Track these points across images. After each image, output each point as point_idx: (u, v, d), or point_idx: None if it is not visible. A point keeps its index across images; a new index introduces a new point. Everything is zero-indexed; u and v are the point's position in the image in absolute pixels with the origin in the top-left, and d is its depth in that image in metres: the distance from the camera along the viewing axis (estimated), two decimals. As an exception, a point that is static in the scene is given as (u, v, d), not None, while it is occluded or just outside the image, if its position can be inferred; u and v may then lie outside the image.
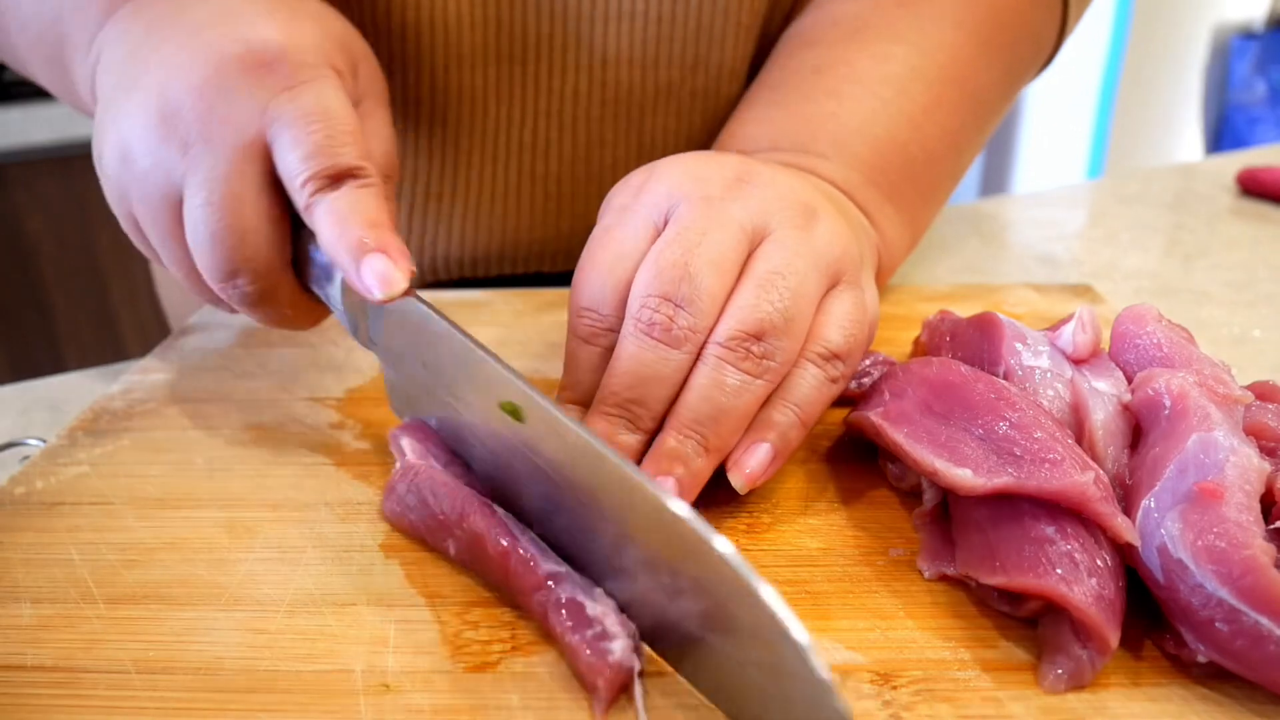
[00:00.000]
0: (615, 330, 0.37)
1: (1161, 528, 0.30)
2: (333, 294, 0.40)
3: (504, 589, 0.33)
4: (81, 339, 1.68)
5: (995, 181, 2.51)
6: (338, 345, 0.53)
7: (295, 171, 0.38)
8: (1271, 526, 0.30)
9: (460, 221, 0.63)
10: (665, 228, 0.38)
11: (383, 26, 0.55)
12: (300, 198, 0.38)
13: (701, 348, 0.36)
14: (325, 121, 0.38)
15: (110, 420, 0.46)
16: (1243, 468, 0.30)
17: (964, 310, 0.46)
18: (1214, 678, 0.29)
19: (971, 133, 0.55)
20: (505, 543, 0.33)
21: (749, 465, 0.36)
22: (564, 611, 0.30)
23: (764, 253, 0.37)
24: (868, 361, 0.45)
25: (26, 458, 0.44)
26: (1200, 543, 0.29)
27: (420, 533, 0.36)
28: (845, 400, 0.44)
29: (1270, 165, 0.82)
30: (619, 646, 0.29)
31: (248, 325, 0.56)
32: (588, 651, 0.29)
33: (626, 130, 0.61)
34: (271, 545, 0.36)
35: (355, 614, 0.33)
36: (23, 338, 1.66)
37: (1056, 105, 2.38)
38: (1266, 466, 0.31)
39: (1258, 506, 0.30)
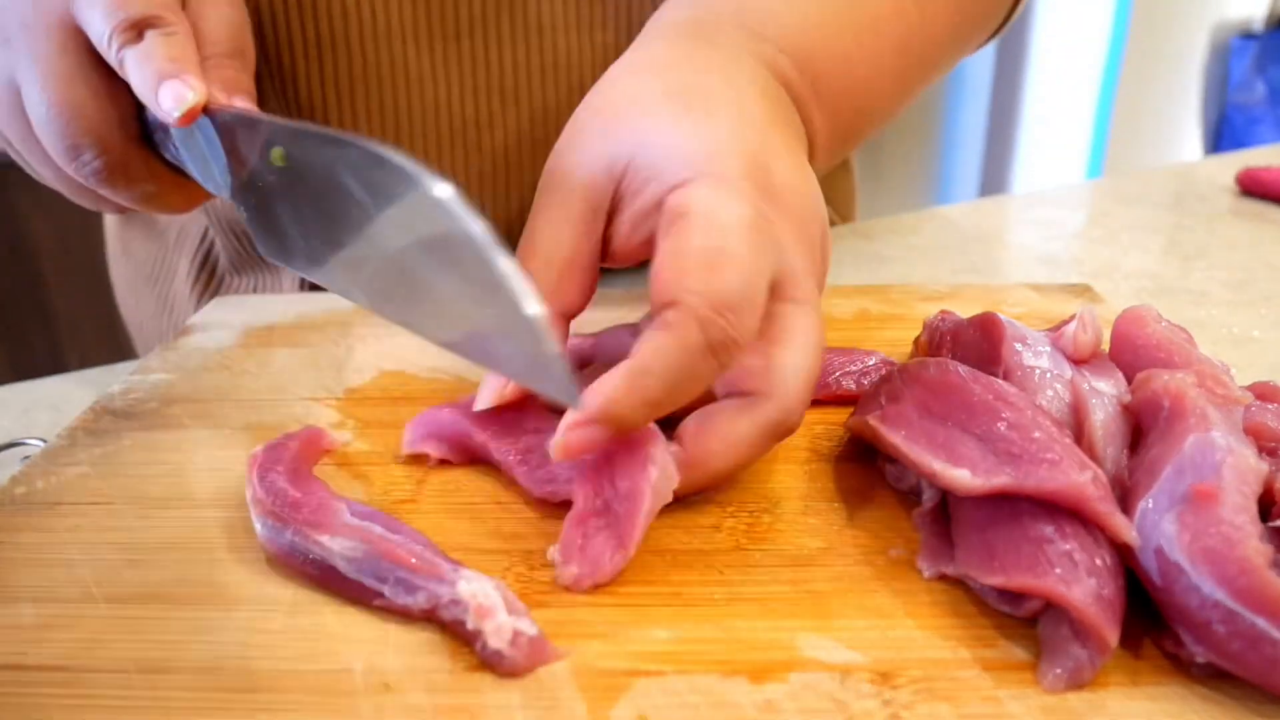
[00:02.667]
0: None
1: (1158, 529, 0.30)
2: (182, 154, 0.41)
3: None
4: (81, 339, 1.68)
5: (995, 181, 2.51)
6: (338, 345, 0.53)
7: (100, 32, 0.39)
8: (1270, 525, 0.30)
9: None
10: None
11: (309, 7, 0.55)
12: (111, 56, 0.39)
13: None
14: None
15: (110, 420, 0.46)
16: (1240, 469, 0.30)
17: (964, 310, 0.46)
18: (1214, 677, 0.29)
19: (915, 87, 0.53)
20: None
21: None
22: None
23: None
24: (871, 361, 0.45)
25: (27, 458, 0.44)
26: (1196, 544, 0.29)
27: None
28: (847, 401, 0.44)
29: (1270, 165, 0.82)
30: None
31: (248, 325, 0.56)
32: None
33: (569, 98, 0.61)
34: (272, 545, 0.36)
35: (355, 614, 0.33)
36: (23, 338, 1.66)
37: (1056, 105, 2.38)
38: (1264, 467, 0.31)
39: (1254, 508, 0.30)
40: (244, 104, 0.40)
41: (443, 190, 0.28)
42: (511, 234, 0.64)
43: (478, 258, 0.28)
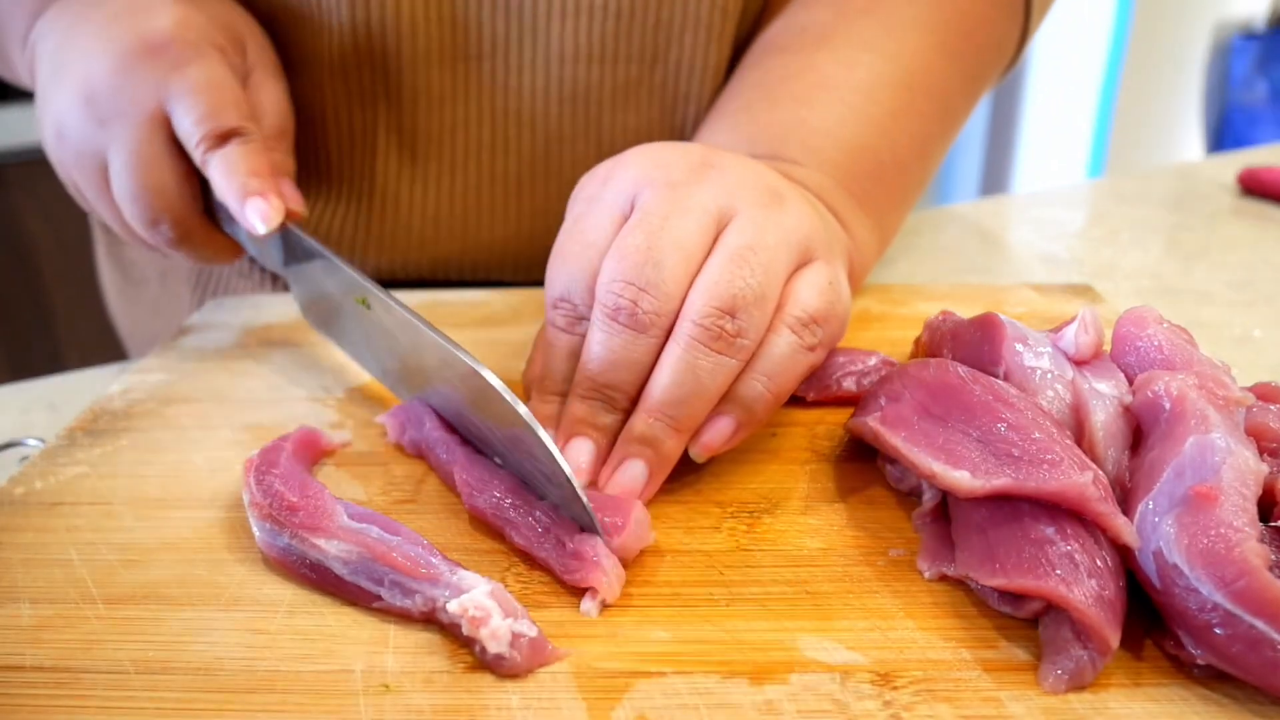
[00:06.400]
0: (589, 318, 0.38)
1: (1158, 531, 0.30)
2: (239, 231, 0.49)
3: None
4: (81, 339, 1.68)
5: (995, 181, 2.51)
6: (337, 345, 0.53)
7: (190, 134, 0.46)
8: (1270, 526, 0.30)
9: (420, 223, 0.63)
10: (631, 215, 0.39)
11: (337, 27, 0.55)
12: (196, 156, 0.47)
13: (672, 325, 0.37)
14: (210, 92, 0.47)
15: (110, 420, 0.46)
16: (1240, 470, 0.30)
17: (965, 310, 0.46)
18: (1215, 678, 0.29)
19: (938, 138, 0.56)
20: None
21: (706, 436, 0.37)
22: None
23: (732, 229, 0.38)
24: (871, 362, 0.45)
25: (26, 458, 0.44)
26: (1195, 546, 0.29)
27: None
28: (848, 401, 0.44)
29: (1271, 165, 0.82)
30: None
31: (248, 325, 0.56)
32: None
33: (585, 127, 0.61)
34: (271, 545, 0.36)
35: (355, 614, 0.33)
36: (23, 338, 1.66)
37: (1056, 105, 2.38)
38: (1264, 469, 0.31)
39: (1254, 509, 0.30)
40: (290, 189, 0.48)
41: (522, 408, 0.35)
42: (520, 254, 0.65)
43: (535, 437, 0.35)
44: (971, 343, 0.41)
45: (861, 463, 0.41)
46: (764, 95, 0.53)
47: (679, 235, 0.37)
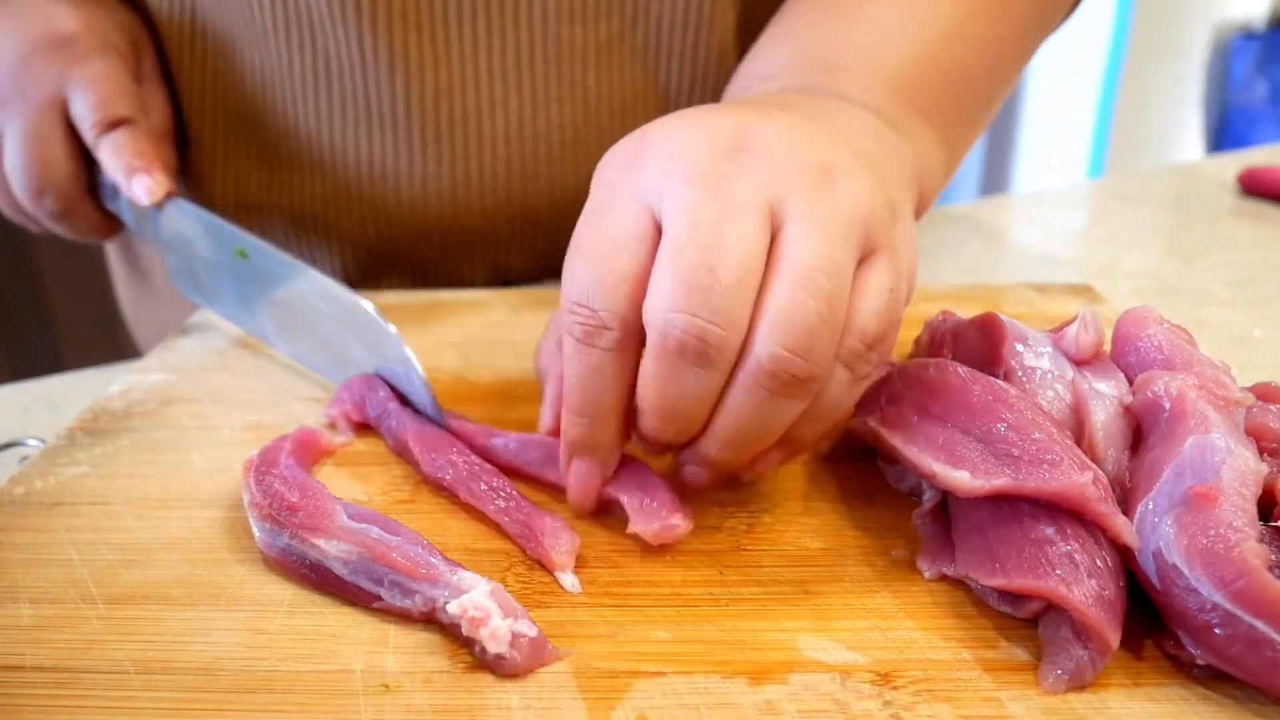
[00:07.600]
0: (613, 329, 0.33)
1: (1157, 531, 0.30)
2: (121, 207, 0.55)
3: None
4: (81, 339, 1.67)
5: (995, 181, 2.51)
6: (337, 345, 0.53)
7: (85, 118, 0.53)
8: (1270, 525, 0.30)
9: (409, 192, 0.62)
10: (663, 213, 0.33)
11: None
12: (89, 138, 0.53)
13: (739, 349, 0.32)
14: (106, 83, 0.53)
15: (109, 420, 0.46)
16: (1239, 470, 0.30)
17: (965, 310, 0.46)
18: (1215, 678, 0.29)
19: (1010, 51, 0.52)
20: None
21: (760, 466, 0.37)
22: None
23: (792, 237, 0.33)
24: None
25: (26, 458, 0.44)
26: (1194, 546, 0.29)
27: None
28: (845, 400, 0.44)
29: (1271, 165, 0.82)
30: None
31: (247, 325, 0.56)
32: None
33: (571, 88, 0.60)
34: (271, 545, 0.36)
35: (355, 614, 0.33)
36: (23, 338, 1.66)
37: (1056, 105, 2.38)
38: (1264, 469, 0.31)
39: (1254, 509, 0.30)
40: (168, 179, 0.54)
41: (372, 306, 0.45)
42: (512, 218, 0.64)
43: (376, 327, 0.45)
44: (971, 343, 0.41)
45: (861, 463, 0.41)
46: (821, 5, 0.50)
47: (738, 248, 0.32)
